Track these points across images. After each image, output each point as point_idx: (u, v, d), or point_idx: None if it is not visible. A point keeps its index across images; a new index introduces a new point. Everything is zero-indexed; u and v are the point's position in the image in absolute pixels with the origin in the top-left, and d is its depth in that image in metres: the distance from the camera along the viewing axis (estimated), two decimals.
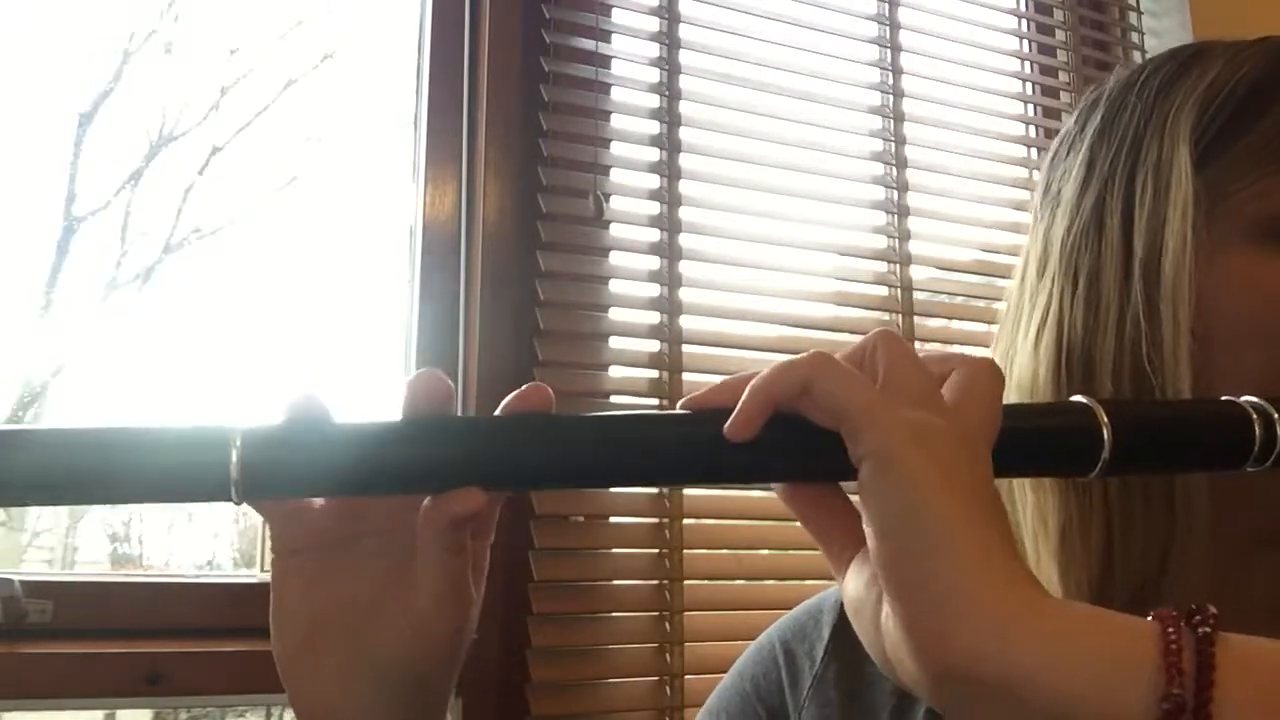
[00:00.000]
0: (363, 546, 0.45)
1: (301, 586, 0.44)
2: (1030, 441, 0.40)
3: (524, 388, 0.40)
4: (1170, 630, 0.31)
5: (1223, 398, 0.42)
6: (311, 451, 0.36)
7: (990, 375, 0.38)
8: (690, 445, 0.38)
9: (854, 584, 0.37)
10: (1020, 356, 0.52)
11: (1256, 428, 0.40)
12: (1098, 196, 0.51)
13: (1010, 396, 0.50)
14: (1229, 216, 0.48)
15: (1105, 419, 0.39)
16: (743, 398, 0.36)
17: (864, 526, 0.35)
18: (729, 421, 0.36)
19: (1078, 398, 0.41)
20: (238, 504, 0.36)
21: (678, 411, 0.39)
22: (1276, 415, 0.40)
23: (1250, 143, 0.49)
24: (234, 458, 0.35)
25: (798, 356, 0.37)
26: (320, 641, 0.44)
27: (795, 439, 0.37)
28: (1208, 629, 0.31)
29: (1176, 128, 0.50)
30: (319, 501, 0.45)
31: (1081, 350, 0.50)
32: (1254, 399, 0.41)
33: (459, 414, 0.44)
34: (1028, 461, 0.41)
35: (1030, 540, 0.51)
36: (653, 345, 1.21)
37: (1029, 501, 0.51)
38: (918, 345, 1.35)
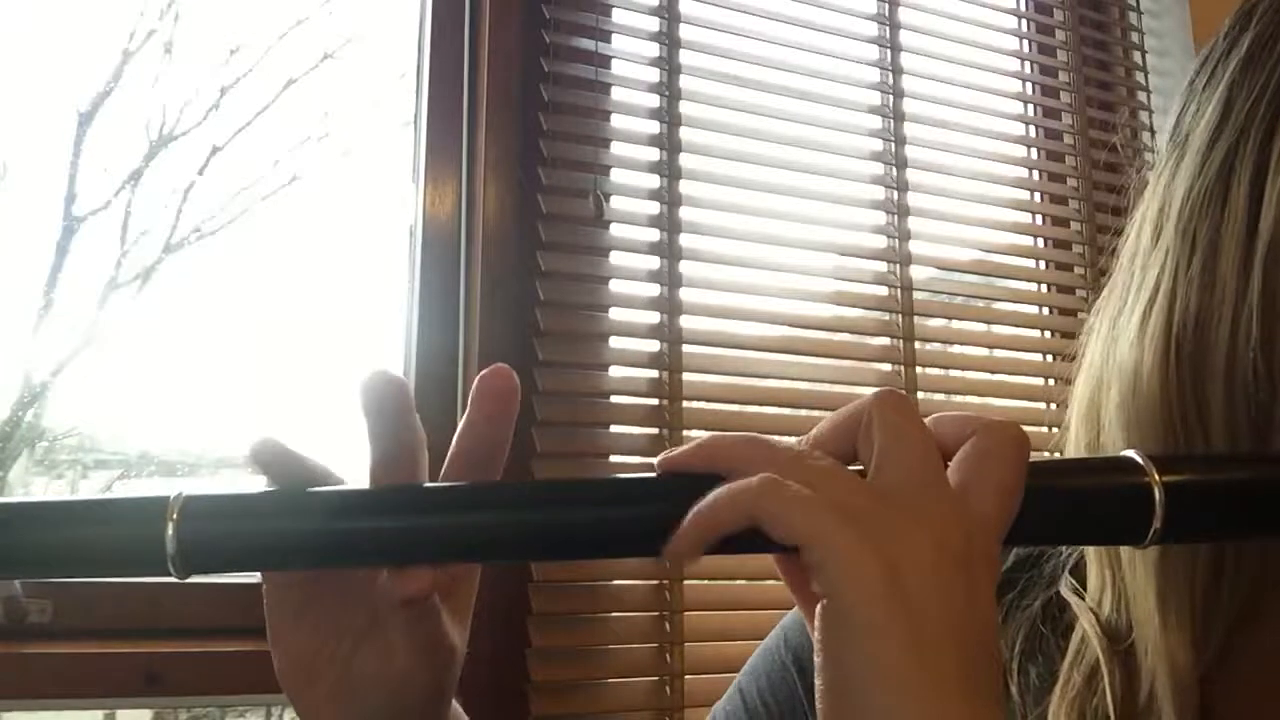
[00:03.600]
0: (346, 583, 0.44)
1: (290, 616, 0.44)
2: (1065, 509, 0.34)
3: (486, 373, 0.40)
4: None
5: None
6: (251, 525, 0.35)
7: (1010, 449, 0.33)
8: (640, 525, 0.35)
9: None
10: (1123, 339, 0.43)
11: None
12: (1229, 150, 0.40)
13: (1112, 388, 0.43)
14: None
15: (1157, 477, 0.32)
16: (686, 521, 0.33)
17: (815, 656, 0.32)
18: (670, 543, 0.33)
19: (1128, 452, 0.35)
20: (180, 579, 0.35)
21: (638, 477, 0.36)
22: None
23: None
24: (170, 531, 0.33)
25: (744, 482, 0.32)
26: (311, 670, 0.44)
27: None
28: None
29: None
30: None
31: (1194, 343, 0.40)
32: None
33: (458, 402, 0.44)
34: (1062, 532, 0.36)
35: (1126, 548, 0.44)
36: (653, 345, 1.20)
37: None
38: (919, 345, 1.35)
